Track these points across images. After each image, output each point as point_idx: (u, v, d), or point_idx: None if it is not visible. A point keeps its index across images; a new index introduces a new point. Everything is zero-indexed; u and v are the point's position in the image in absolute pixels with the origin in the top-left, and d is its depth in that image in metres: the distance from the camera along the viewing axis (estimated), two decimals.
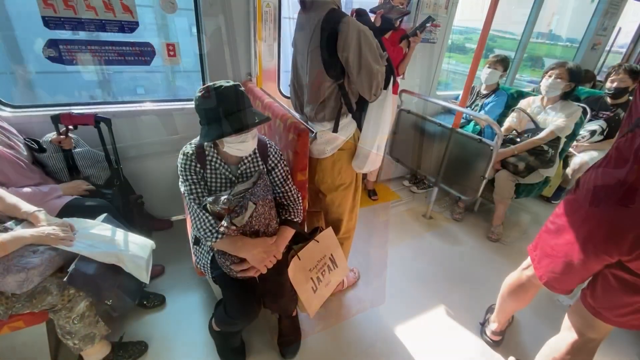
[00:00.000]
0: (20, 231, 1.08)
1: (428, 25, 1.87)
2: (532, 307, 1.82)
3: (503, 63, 2.55)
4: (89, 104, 1.85)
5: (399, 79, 2.46)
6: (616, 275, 1.04)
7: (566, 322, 1.23)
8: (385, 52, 1.26)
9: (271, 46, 2.05)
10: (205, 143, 1.14)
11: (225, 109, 1.01)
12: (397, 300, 1.84)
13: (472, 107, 2.70)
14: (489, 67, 2.57)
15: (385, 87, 1.29)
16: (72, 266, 1.11)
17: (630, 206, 0.93)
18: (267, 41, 2.01)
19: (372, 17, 1.44)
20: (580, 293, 1.18)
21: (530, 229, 2.65)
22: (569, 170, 2.68)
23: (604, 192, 0.99)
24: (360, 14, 1.30)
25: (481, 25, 1.86)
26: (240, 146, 1.09)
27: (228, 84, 1.03)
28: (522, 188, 2.33)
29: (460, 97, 2.19)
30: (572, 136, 2.27)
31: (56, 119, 1.51)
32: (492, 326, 1.61)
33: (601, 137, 2.70)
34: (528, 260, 1.36)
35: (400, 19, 1.47)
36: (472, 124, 2.68)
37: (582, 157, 2.64)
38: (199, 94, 1.03)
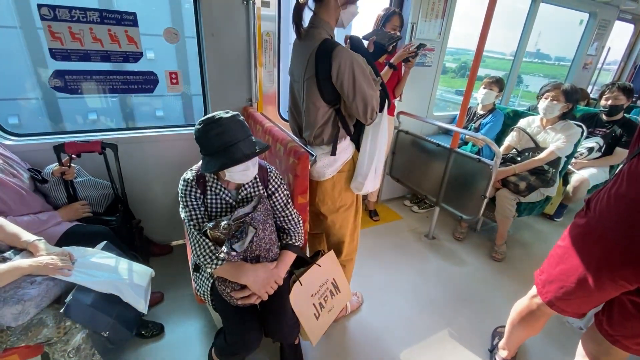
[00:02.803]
0: (18, 261, 1.07)
1: (419, 51, 1.92)
2: (542, 331, 1.76)
3: (498, 84, 2.61)
4: (89, 131, 1.88)
5: (397, 101, 2.52)
6: (634, 302, 1.00)
7: (580, 349, 1.18)
8: (379, 77, 1.29)
9: (271, 72, 2.11)
10: None
11: (224, 141, 1.02)
12: (402, 324, 1.78)
13: (469, 127, 2.74)
14: (484, 88, 2.63)
15: (381, 111, 1.31)
16: (70, 297, 1.08)
17: None
18: (267, 68, 2.07)
19: (366, 43, 1.49)
20: (595, 319, 1.13)
21: (533, 247, 2.61)
22: (569, 188, 2.68)
23: (618, 216, 0.95)
24: (353, 41, 1.35)
25: (462, 45, 1.91)
26: (241, 175, 1.09)
27: (227, 115, 1.03)
28: (524, 206, 2.32)
29: (457, 118, 2.23)
30: (571, 154, 2.29)
31: (58, 149, 1.52)
32: (502, 354, 1.55)
33: (599, 154, 2.73)
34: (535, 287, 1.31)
35: (393, 44, 1.52)
36: (470, 143, 2.71)
37: (582, 174, 2.65)
38: (199, 126, 1.03)
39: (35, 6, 1.47)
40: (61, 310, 1.06)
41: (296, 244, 1.29)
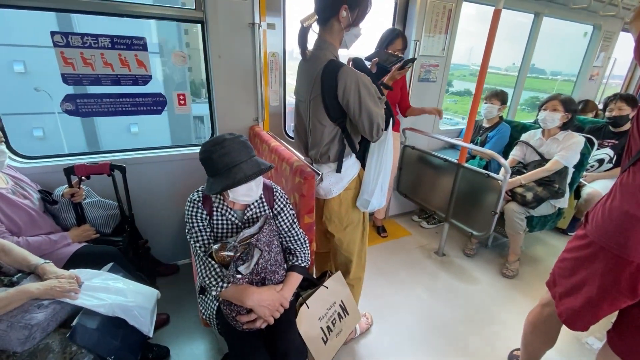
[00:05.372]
0: (26, 285, 1.07)
1: (407, 66, 1.94)
2: (561, 354, 1.69)
3: (499, 97, 2.61)
4: (97, 152, 1.92)
5: (402, 117, 2.52)
6: None
7: None
8: (383, 97, 1.31)
9: (277, 92, 2.14)
10: None
11: (227, 162, 1.04)
12: (413, 347, 1.72)
13: (475, 140, 2.72)
14: (485, 102, 2.63)
15: (386, 129, 1.32)
16: (76, 321, 1.07)
17: None
18: (272, 87, 2.10)
19: (368, 64, 1.51)
20: (607, 336, 1.10)
21: (547, 262, 2.54)
22: (581, 201, 2.62)
23: (614, 228, 0.96)
24: (357, 62, 1.37)
25: (455, 59, 1.90)
26: (244, 196, 1.10)
27: (230, 137, 1.06)
28: (536, 221, 2.26)
29: (464, 132, 2.22)
30: (580, 166, 2.25)
31: (69, 171, 1.55)
32: None
33: (610, 165, 2.67)
34: (547, 296, 1.28)
35: (395, 64, 1.54)
36: (477, 157, 2.69)
37: (594, 187, 2.59)
38: (203, 149, 1.06)
39: None
40: (67, 336, 1.05)
41: (302, 264, 1.27)
